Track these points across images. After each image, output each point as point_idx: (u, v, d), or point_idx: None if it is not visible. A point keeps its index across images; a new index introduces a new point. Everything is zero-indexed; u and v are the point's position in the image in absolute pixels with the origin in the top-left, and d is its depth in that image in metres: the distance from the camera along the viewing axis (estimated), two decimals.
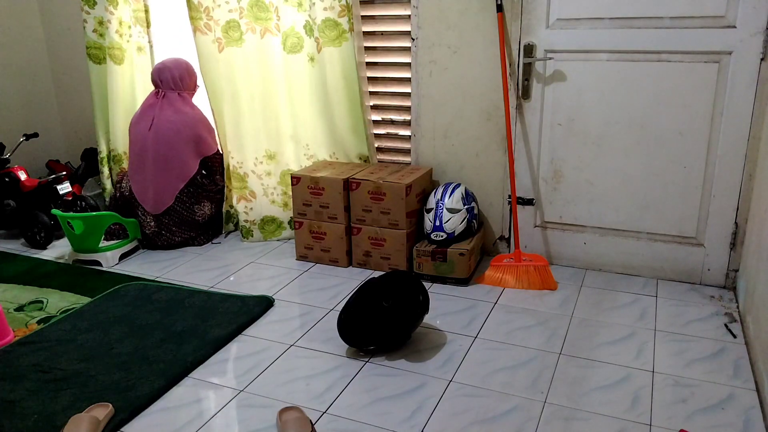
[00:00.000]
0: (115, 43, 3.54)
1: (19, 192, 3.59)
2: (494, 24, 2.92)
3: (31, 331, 2.56)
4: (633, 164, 2.86)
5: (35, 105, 4.18)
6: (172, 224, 3.39)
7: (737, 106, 2.62)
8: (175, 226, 3.40)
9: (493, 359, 2.32)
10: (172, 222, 3.39)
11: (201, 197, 3.44)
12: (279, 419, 1.94)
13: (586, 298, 2.78)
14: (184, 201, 3.38)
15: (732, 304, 2.69)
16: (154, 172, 3.33)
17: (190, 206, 3.40)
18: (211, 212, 3.52)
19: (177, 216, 3.39)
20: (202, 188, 3.42)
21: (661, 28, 2.66)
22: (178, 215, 3.39)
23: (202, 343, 2.43)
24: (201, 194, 3.43)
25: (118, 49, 3.56)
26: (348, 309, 2.39)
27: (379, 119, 3.36)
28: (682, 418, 1.96)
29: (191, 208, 3.41)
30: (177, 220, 3.39)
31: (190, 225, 3.44)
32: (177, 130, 3.29)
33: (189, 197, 3.38)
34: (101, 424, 1.94)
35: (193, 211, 3.42)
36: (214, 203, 3.53)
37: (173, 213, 3.38)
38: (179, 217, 3.39)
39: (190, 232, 3.46)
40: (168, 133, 3.28)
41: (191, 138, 3.33)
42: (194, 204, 3.41)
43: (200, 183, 3.40)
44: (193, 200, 3.40)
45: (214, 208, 3.54)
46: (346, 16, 3.08)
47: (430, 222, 2.99)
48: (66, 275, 3.13)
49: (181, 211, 3.39)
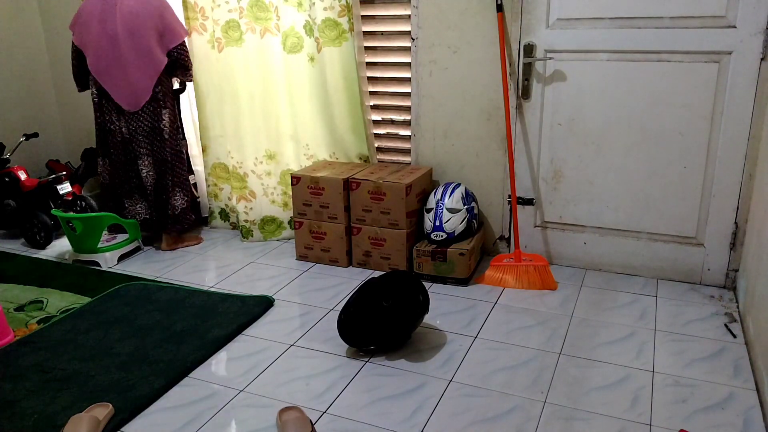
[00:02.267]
0: None
1: (19, 192, 3.59)
2: (494, 24, 2.92)
3: (31, 331, 2.56)
4: (633, 164, 2.86)
5: (35, 105, 4.18)
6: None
7: (737, 106, 2.62)
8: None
9: (493, 359, 2.32)
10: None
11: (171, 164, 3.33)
12: (279, 419, 1.94)
13: (586, 298, 2.78)
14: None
15: (732, 304, 2.69)
16: (125, 68, 3.15)
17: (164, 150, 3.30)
18: (183, 202, 3.41)
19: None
20: (169, 136, 3.29)
21: (661, 28, 2.66)
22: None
23: (202, 343, 2.43)
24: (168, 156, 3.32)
25: None
26: (348, 309, 2.39)
27: (379, 119, 3.36)
28: (682, 418, 1.96)
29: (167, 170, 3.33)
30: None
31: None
32: (139, 15, 3.09)
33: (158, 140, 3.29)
34: (101, 424, 1.94)
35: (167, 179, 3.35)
36: (183, 190, 3.42)
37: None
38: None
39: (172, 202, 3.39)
40: (133, 22, 3.09)
41: (155, 26, 3.12)
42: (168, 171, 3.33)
43: (164, 98, 3.25)
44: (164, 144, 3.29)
45: (185, 196, 3.43)
46: (346, 16, 3.08)
47: (430, 222, 2.99)
48: (66, 275, 3.13)
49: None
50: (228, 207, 3.71)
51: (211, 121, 3.52)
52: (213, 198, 3.71)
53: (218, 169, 3.63)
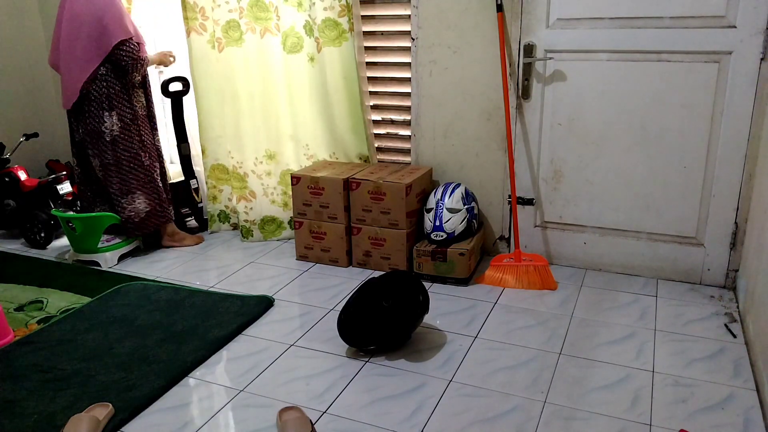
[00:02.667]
0: None
1: (19, 192, 3.59)
2: (494, 24, 2.92)
3: (31, 331, 2.56)
4: (633, 164, 2.86)
5: (35, 105, 4.18)
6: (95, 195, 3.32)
7: (737, 106, 2.62)
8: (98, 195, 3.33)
9: (493, 359, 2.32)
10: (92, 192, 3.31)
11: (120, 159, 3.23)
12: (279, 419, 1.94)
13: (586, 298, 2.78)
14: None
15: (732, 304, 2.69)
16: (64, 68, 3.14)
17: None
18: (143, 203, 3.30)
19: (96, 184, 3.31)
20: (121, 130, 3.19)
21: (661, 28, 2.66)
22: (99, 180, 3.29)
23: (202, 343, 2.43)
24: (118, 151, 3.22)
25: None
26: (348, 309, 2.39)
27: (379, 119, 3.36)
28: (682, 418, 1.96)
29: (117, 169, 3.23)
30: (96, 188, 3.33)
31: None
32: (79, 16, 3.05)
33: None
34: (101, 424, 1.94)
35: (119, 191, 3.26)
36: (144, 187, 3.29)
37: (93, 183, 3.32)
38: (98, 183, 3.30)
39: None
40: (72, 23, 3.07)
41: (93, 28, 3.04)
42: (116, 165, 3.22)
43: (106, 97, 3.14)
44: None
45: (144, 193, 3.30)
46: (345, 15, 3.08)
47: (430, 222, 2.99)
48: (66, 275, 3.13)
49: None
50: (228, 208, 3.71)
51: (210, 121, 3.51)
52: (212, 201, 3.69)
53: (217, 170, 3.61)
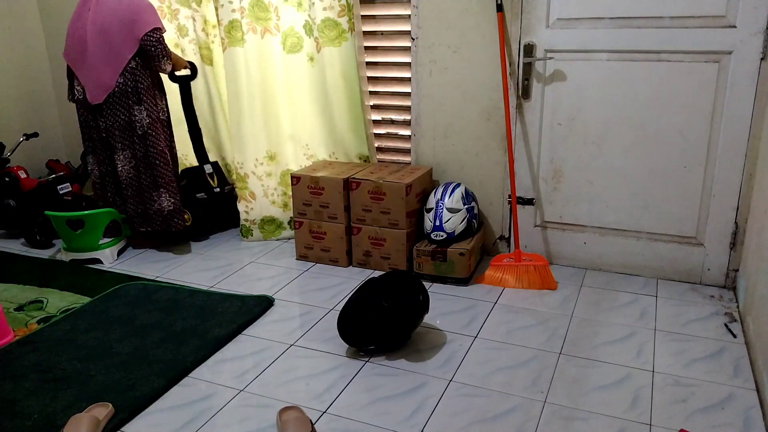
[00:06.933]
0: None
1: (19, 192, 3.59)
2: (494, 24, 2.92)
3: (31, 331, 2.56)
4: (633, 164, 2.86)
5: (35, 105, 4.18)
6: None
7: (737, 106, 2.62)
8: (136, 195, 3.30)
9: (493, 359, 2.32)
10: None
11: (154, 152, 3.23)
12: (279, 419, 1.94)
13: (586, 298, 2.78)
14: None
15: (732, 304, 2.69)
16: (92, 61, 3.14)
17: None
18: (169, 198, 3.29)
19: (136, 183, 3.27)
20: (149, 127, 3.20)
21: (661, 28, 2.66)
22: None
23: (202, 343, 2.43)
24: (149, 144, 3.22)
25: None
26: (348, 309, 2.39)
27: (379, 119, 3.36)
28: (682, 418, 1.96)
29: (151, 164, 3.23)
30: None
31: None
32: (114, 12, 3.07)
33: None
34: (101, 424, 1.94)
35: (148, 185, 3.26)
36: (168, 187, 3.29)
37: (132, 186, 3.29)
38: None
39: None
40: (104, 17, 3.08)
41: (124, 20, 3.06)
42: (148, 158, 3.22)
43: (138, 86, 3.15)
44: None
45: (170, 192, 3.30)
46: (345, 15, 3.08)
47: (430, 222, 2.99)
48: (66, 275, 3.13)
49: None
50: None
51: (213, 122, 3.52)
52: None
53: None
